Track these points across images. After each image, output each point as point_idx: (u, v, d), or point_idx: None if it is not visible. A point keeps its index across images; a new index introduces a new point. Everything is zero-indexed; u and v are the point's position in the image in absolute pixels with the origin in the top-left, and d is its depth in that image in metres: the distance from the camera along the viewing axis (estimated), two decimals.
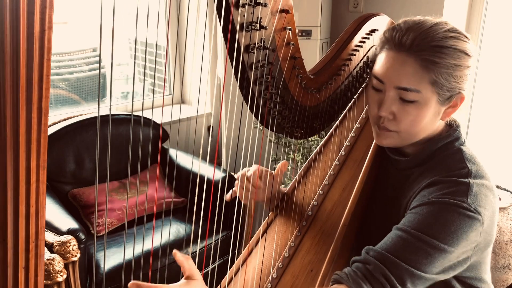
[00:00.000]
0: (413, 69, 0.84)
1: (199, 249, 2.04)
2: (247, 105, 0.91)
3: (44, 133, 0.59)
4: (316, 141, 2.26)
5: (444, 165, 0.90)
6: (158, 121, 2.32)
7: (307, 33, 2.44)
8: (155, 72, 2.36)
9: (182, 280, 0.78)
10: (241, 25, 0.82)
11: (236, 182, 1.08)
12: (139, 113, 2.46)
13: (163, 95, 1.08)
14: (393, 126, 0.89)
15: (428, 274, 0.80)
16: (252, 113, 0.93)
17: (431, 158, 0.92)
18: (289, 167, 2.37)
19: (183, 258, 0.78)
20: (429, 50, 0.83)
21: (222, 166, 2.60)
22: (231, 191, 1.09)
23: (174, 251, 0.79)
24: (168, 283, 0.77)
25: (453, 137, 0.93)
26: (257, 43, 0.85)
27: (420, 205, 0.85)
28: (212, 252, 2.01)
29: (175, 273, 1.92)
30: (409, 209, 0.87)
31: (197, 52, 2.61)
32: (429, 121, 0.88)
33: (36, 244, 0.61)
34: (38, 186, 0.59)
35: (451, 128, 0.95)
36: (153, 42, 2.29)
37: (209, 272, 1.44)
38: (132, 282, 0.73)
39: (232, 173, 2.15)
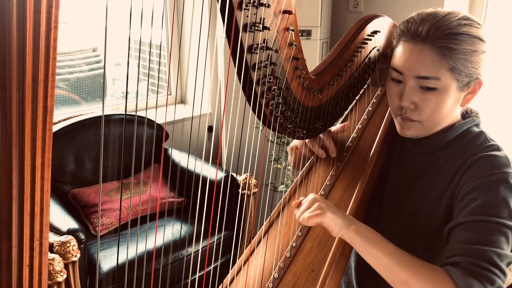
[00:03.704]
0: (430, 57, 0.87)
1: (200, 249, 2.04)
2: (250, 106, 0.91)
3: (49, 131, 0.59)
4: None
5: (472, 146, 0.93)
6: (159, 121, 2.32)
7: (307, 33, 2.44)
8: (151, 72, 2.36)
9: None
10: (244, 26, 0.82)
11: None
12: (138, 113, 2.46)
13: (167, 95, 1.08)
14: (416, 115, 0.92)
15: (510, 251, 0.82)
16: (255, 114, 0.93)
17: (455, 141, 0.95)
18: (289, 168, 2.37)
19: None
20: (444, 37, 0.86)
21: (222, 166, 2.60)
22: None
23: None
24: (168, 283, 0.77)
25: (474, 122, 0.97)
26: (260, 44, 0.85)
27: (471, 191, 0.87)
28: (214, 252, 2.01)
29: (175, 273, 1.92)
30: (460, 196, 0.89)
31: (197, 52, 2.61)
32: (450, 108, 0.91)
33: (41, 242, 0.61)
34: (43, 184, 0.60)
35: (472, 114, 0.99)
36: (154, 42, 2.30)
37: (211, 272, 1.44)
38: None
39: (233, 174, 2.15)
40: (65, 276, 1.60)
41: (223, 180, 2.08)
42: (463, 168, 0.90)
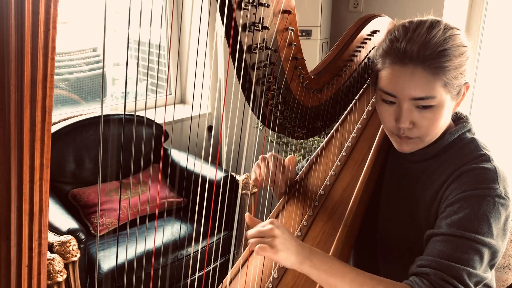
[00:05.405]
0: (424, 78, 0.85)
1: (199, 249, 2.04)
2: (249, 106, 0.91)
3: (48, 132, 0.59)
4: (316, 141, 2.27)
5: (463, 154, 0.92)
6: (158, 121, 2.32)
7: (307, 33, 2.44)
8: (151, 71, 2.36)
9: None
10: (244, 26, 0.82)
11: (254, 168, 1.08)
12: (138, 113, 2.46)
13: (166, 95, 1.08)
14: (415, 133, 0.91)
15: (482, 271, 0.82)
16: (254, 114, 0.93)
17: (447, 149, 0.95)
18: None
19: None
20: (435, 57, 0.84)
21: (222, 166, 2.60)
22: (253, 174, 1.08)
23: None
24: (167, 283, 0.77)
25: (465, 128, 0.96)
26: (260, 44, 0.85)
27: (454, 202, 0.87)
28: (213, 252, 2.01)
29: (175, 273, 1.92)
30: (443, 205, 0.89)
31: (197, 52, 2.61)
32: (445, 118, 0.91)
33: (39, 243, 0.61)
34: (42, 185, 0.60)
35: (462, 120, 0.98)
36: (154, 42, 2.30)
37: (210, 272, 1.44)
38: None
39: (233, 173, 2.15)
40: (65, 276, 1.60)
41: (222, 180, 2.08)
42: (451, 178, 0.90)
